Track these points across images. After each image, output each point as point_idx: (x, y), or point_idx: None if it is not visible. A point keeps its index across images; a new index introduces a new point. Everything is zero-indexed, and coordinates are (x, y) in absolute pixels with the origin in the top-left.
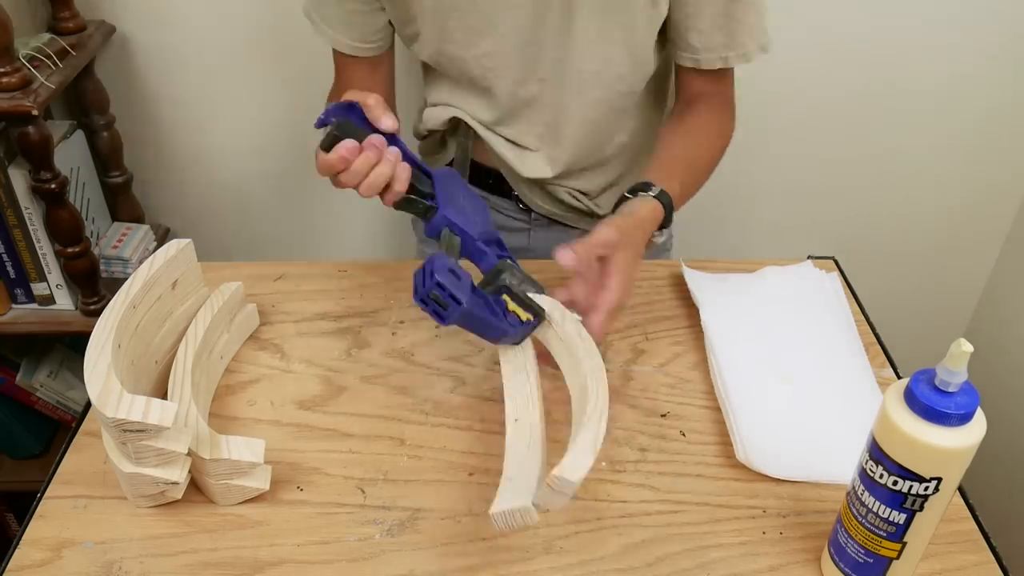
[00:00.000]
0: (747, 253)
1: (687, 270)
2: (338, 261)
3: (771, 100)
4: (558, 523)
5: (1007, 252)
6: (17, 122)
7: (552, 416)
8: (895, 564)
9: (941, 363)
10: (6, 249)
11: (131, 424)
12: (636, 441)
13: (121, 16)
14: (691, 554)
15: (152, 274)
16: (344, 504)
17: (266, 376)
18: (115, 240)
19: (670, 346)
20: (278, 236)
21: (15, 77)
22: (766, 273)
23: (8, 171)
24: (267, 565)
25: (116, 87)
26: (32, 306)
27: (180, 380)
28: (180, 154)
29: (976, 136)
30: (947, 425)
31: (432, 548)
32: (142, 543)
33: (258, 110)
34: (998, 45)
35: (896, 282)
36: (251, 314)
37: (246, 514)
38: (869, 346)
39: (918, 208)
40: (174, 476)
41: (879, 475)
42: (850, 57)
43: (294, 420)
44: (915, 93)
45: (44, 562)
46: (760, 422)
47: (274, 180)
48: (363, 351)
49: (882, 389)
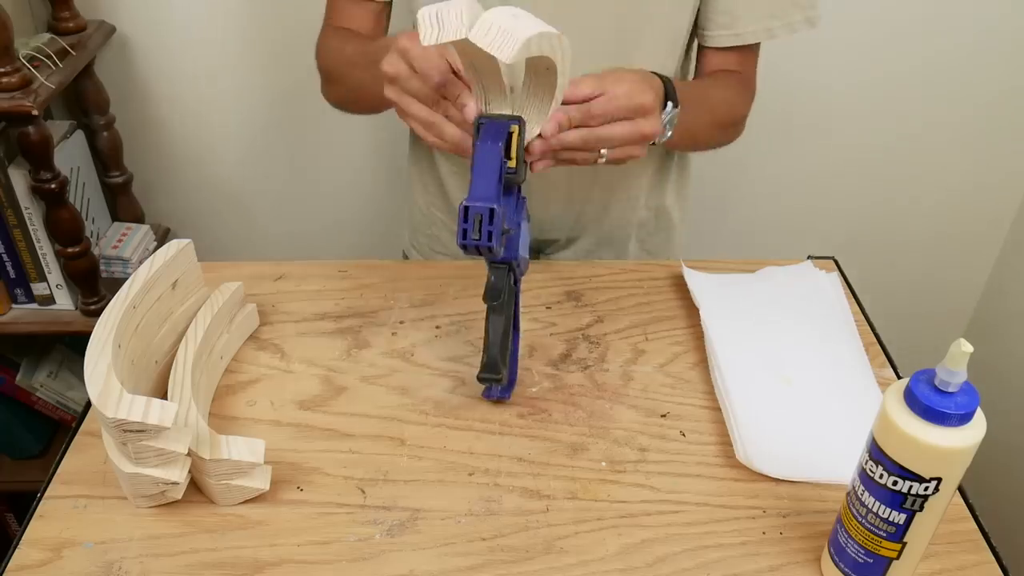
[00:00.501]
0: (748, 252)
1: (687, 270)
2: (338, 261)
3: (771, 100)
4: (558, 523)
5: (1007, 251)
6: (17, 122)
7: (552, 416)
8: (895, 564)
9: (941, 363)
10: (6, 249)
11: (131, 424)
12: (636, 441)
13: (121, 16)
14: (691, 554)
15: (152, 274)
16: (344, 504)
17: (266, 376)
18: (115, 240)
19: (670, 346)
20: (278, 236)
21: (15, 77)
22: (766, 273)
23: (8, 171)
24: (267, 565)
25: (116, 87)
26: (32, 306)
27: (180, 380)
28: (180, 154)
29: (976, 136)
30: (947, 425)
31: (432, 548)
32: (142, 543)
33: (258, 110)
34: (999, 44)
35: (896, 282)
36: (251, 314)
37: (246, 514)
38: (869, 346)
39: (918, 208)
40: (174, 476)
41: (879, 475)
42: (850, 56)
43: (294, 420)
44: (915, 93)
45: (44, 562)
46: (760, 422)
47: (274, 180)
48: (363, 351)
49: (882, 389)
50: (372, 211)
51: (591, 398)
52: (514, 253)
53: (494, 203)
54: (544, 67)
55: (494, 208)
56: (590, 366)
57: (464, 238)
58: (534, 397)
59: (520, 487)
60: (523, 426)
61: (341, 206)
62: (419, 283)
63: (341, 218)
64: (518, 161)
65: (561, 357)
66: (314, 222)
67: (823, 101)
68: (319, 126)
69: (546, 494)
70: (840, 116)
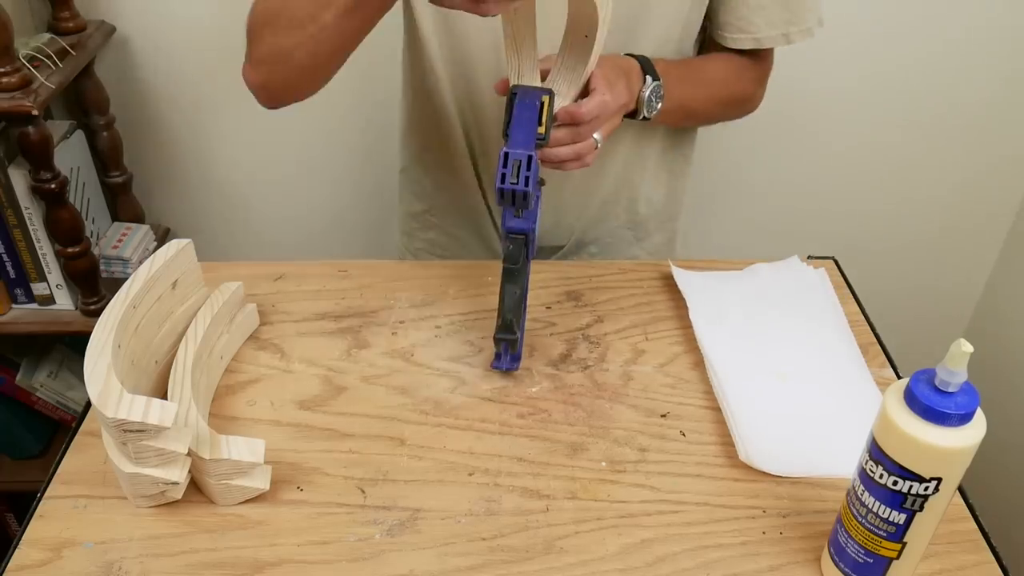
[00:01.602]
0: (747, 254)
1: (676, 269)
2: (338, 261)
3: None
4: (558, 523)
5: (1007, 252)
6: (17, 122)
7: (552, 416)
8: (895, 564)
9: (941, 363)
10: (6, 249)
11: (131, 424)
12: (636, 441)
13: (121, 16)
14: (691, 554)
15: (152, 274)
16: (344, 504)
17: (266, 376)
18: (115, 240)
19: (670, 346)
20: (278, 236)
21: (15, 77)
22: (755, 269)
23: (8, 171)
24: (267, 565)
25: (116, 87)
26: (32, 306)
27: (180, 380)
28: (180, 154)
29: (976, 136)
30: (947, 425)
31: (432, 548)
32: (142, 543)
33: (258, 110)
34: (999, 44)
35: (896, 282)
36: (251, 314)
37: (246, 514)
38: (869, 346)
39: (918, 208)
40: (174, 476)
41: (879, 475)
42: (850, 56)
43: (294, 420)
44: (915, 93)
45: (44, 562)
46: (759, 420)
47: (274, 180)
48: (363, 351)
49: (882, 389)
50: (373, 211)
51: (591, 398)
52: (532, 224)
53: (532, 151)
54: (583, 35)
55: (532, 155)
56: (590, 366)
57: (503, 182)
58: (534, 397)
59: (520, 487)
60: (523, 426)
61: (341, 206)
62: (419, 283)
63: (341, 218)
64: (547, 128)
65: (561, 357)
66: (314, 222)
67: (823, 102)
68: (319, 126)
69: (546, 494)
70: (840, 117)
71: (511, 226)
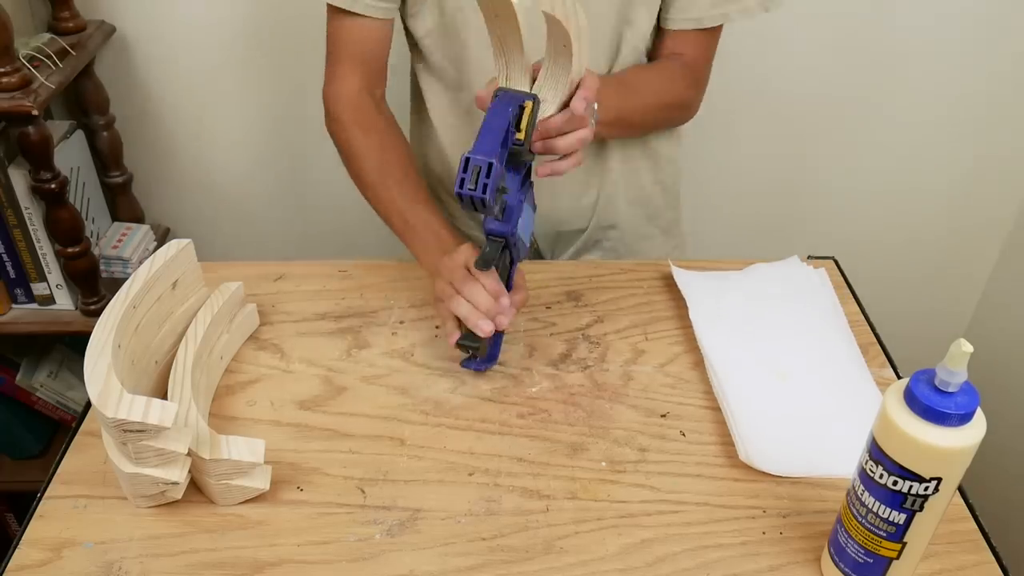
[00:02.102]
0: (747, 253)
1: (676, 269)
2: (338, 261)
3: (771, 100)
4: (558, 523)
5: (1007, 252)
6: (17, 122)
7: (552, 416)
8: (895, 564)
9: (941, 363)
10: (6, 249)
11: (131, 424)
12: (636, 441)
13: (121, 16)
14: (691, 554)
15: (152, 274)
16: (344, 504)
17: (266, 376)
18: (115, 240)
19: (670, 346)
20: (278, 236)
21: (15, 77)
22: (755, 269)
23: (8, 171)
24: (267, 565)
25: (116, 87)
26: (32, 306)
27: (180, 380)
28: (180, 154)
29: (976, 136)
30: (947, 425)
31: (432, 548)
32: (142, 543)
33: (258, 110)
34: (999, 44)
35: (896, 282)
36: (251, 314)
37: (246, 514)
38: (869, 346)
39: (918, 208)
40: (174, 476)
41: (879, 475)
42: (850, 56)
43: (294, 420)
44: (916, 93)
45: (44, 562)
46: (759, 420)
47: (274, 180)
48: (363, 351)
49: (882, 389)
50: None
51: (591, 398)
52: (512, 228)
53: (494, 159)
54: (563, 44)
55: (492, 163)
56: (590, 366)
57: (461, 187)
58: (534, 397)
59: (520, 487)
60: (523, 426)
61: (341, 206)
62: (419, 283)
63: (341, 218)
64: (527, 134)
65: (561, 357)
66: (314, 222)
67: (823, 102)
68: (319, 126)
69: (546, 494)
70: (840, 118)
71: (491, 227)
